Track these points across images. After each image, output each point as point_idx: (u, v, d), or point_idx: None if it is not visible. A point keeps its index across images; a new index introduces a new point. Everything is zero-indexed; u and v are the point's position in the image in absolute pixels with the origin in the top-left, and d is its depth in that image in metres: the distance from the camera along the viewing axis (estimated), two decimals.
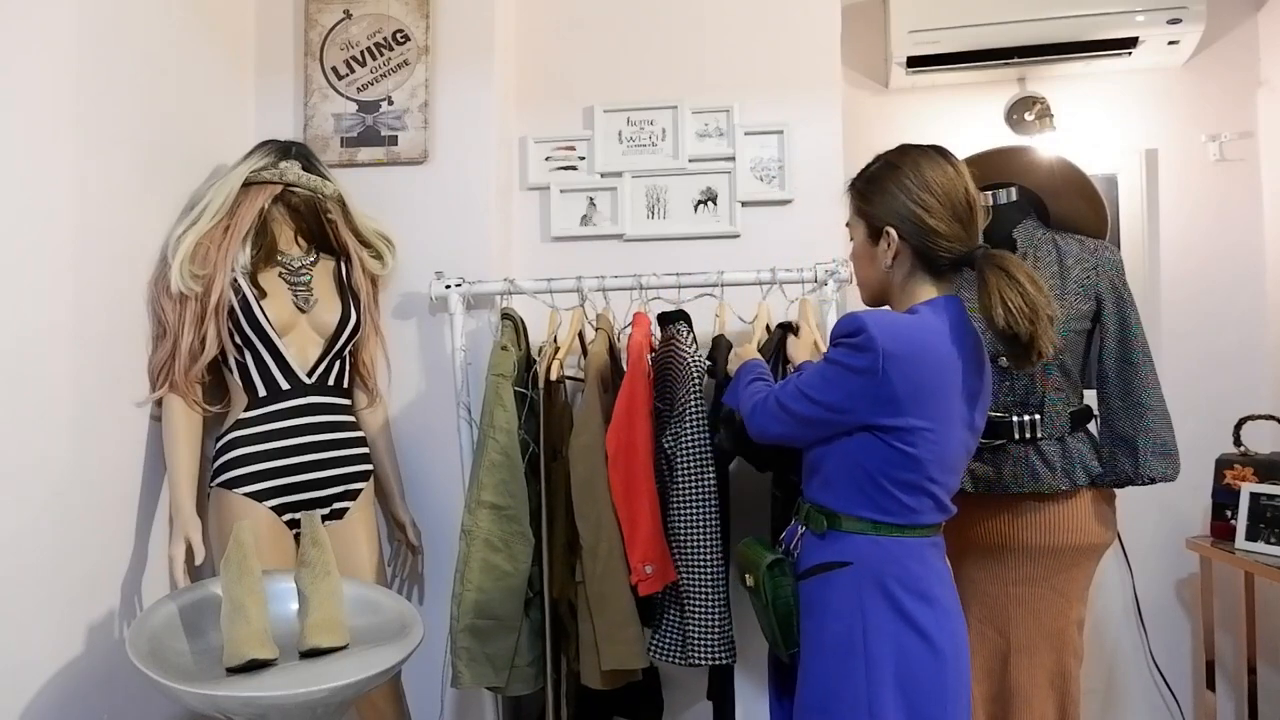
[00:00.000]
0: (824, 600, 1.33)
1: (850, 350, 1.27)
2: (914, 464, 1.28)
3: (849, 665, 1.28)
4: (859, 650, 1.28)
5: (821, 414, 1.31)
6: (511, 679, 1.79)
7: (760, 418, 1.41)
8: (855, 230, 1.43)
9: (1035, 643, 1.73)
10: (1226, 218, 2.46)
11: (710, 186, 2.30)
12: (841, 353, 1.29)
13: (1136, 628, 2.45)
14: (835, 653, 1.30)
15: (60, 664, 1.54)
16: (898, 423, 1.26)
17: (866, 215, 1.39)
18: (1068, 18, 2.31)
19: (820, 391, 1.31)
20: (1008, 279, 1.25)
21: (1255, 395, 2.40)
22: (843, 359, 1.28)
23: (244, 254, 1.85)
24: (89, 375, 1.62)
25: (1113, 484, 1.77)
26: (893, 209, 1.34)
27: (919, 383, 1.25)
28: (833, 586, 1.32)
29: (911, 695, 1.26)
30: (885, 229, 1.35)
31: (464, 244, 2.16)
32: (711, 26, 2.32)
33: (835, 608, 1.31)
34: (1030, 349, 1.26)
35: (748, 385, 1.52)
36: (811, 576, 1.36)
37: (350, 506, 1.89)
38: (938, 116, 2.61)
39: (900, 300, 1.38)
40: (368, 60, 2.21)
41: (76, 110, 1.60)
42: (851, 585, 1.31)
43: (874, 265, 1.39)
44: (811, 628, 1.35)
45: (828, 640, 1.31)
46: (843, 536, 1.33)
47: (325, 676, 1.38)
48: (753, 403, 1.44)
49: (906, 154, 1.38)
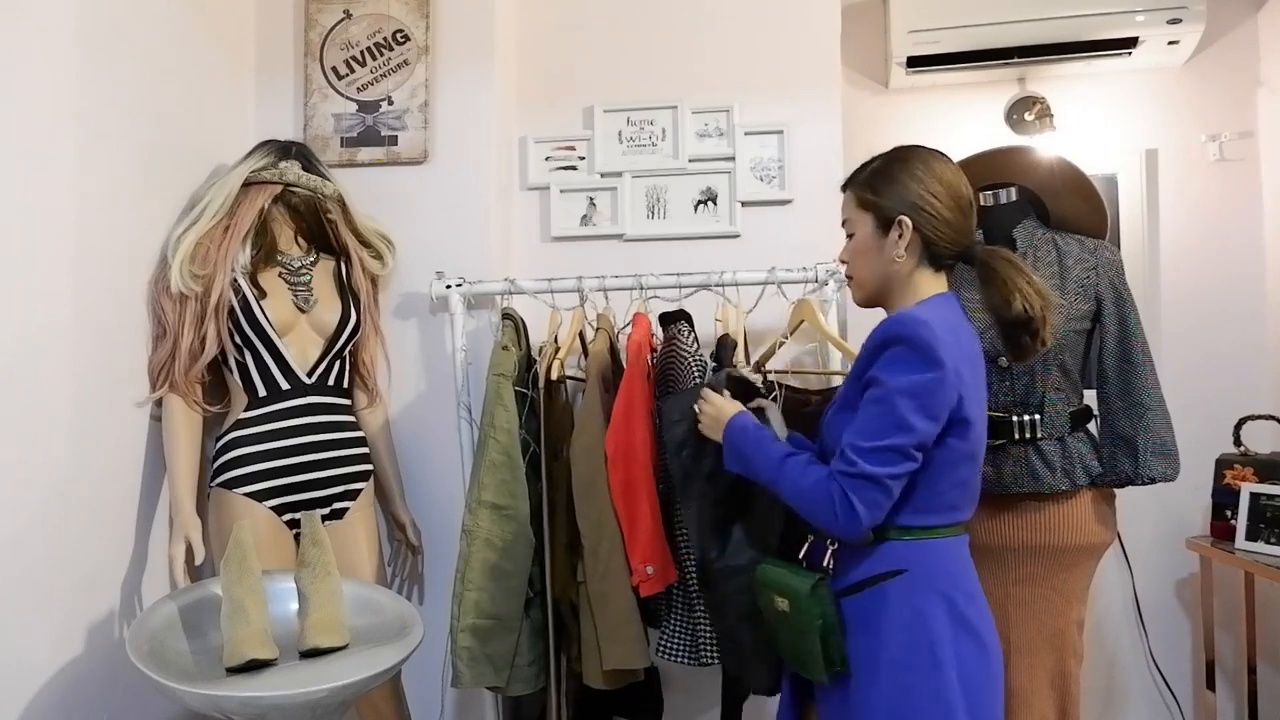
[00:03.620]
0: (879, 614, 1.28)
1: (924, 355, 1.21)
2: (968, 459, 1.29)
3: (919, 678, 1.24)
4: (926, 662, 1.25)
5: (915, 452, 1.23)
6: (512, 679, 1.79)
7: (857, 510, 1.22)
8: (859, 224, 1.39)
9: (1035, 643, 1.73)
10: (1226, 218, 2.46)
11: (710, 186, 2.30)
12: (913, 363, 1.22)
13: (1136, 628, 2.45)
14: (902, 668, 1.25)
15: (60, 664, 1.54)
16: (957, 417, 1.25)
17: (875, 206, 1.36)
18: (1068, 18, 2.31)
19: (911, 427, 1.21)
20: (1016, 269, 1.31)
21: (1255, 395, 2.40)
22: (919, 373, 1.21)
23: (244, 254, 1.85)
24: (89, 375, 1.62)
25: (1113, 484, 1.77)
26: (905, 198, 1.34)
27: (967, 374, 1.26)
28: (888, 598, 1.27)
29: (971, 697, 1.25)
30: (899, 218, 1.34)
31: (464, 244, 2.16)
32: (711, 26, 2.32)
33: (894, 620, 1.26)
34: (1036, 337, 1.29)
35: (783, 463, 1.34)
36: (858, 592, 1.30)
37: (350, 506, 1.89)
38: (938, 116, 2.61)
39: (903, 294, 1.36)
40: (368, 60, 2.21)
41: (76, 110, 1.60)
42: (907, 594, 1.27)
43: (881, 258, 1.36)
44: (868, 645, 1.28)
45: (891, 656, 1.26)
46: (891, 545, 1.29)
47: (325, 676, 1.38)
48: (812, 499, 1.27)
49: (911, 150, 1.40)
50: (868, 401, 1.26)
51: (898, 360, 1.23)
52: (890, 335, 1.25)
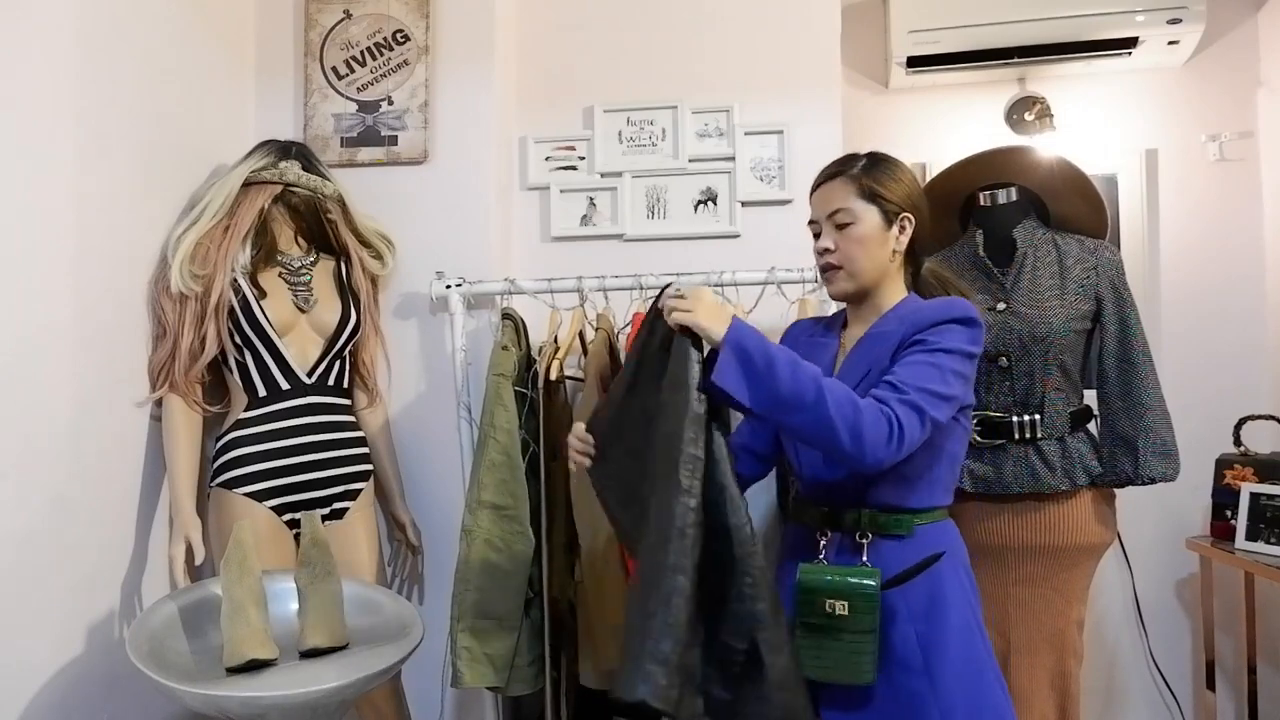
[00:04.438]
0: (939, 598, 1.28)
1: (974, 336, 1.28)
2: (967, 437, 1.37)
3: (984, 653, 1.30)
4: (980, 638, 1.30)
5: (946, 406, 1.25)
6: (511, 679, 1.79)
7: (906, 436, 1.18)
8: (863, 215, 1.36)
9: (1035, 643, 1.73)
10: (1226, 218, 2.46)
11: (710, 186, 2.30)
12: (965, 339, 1.27)
13: (1136, 628, 2.44)
14: (967, 646, 1.28)
15: (60, 664, 1.54)
16: (966, 400, 1.31)
17: (882, 200, 1.37)
18: (1068, 18, 2.31)
19: (950, 384, 1.24)
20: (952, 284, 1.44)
21: (1255, 395, 2.40)
22: (968, 346, 1.27)
23: (244, 254, 1.85)
24: (89, 375, 1.62)
25: (1113, 484, 1.77)
26: (909, 196, 1.39)
27: None
28: (941, 581, 1.29)
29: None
30: (903, 215, 1.38)
31: (464, 244, 2.15)
32: (711, 26, 2.32)
33: (948, 599, 1.28)
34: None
35: (821, 378, 1.19)
36: (906, 581, 1.27)
37: (350, 506, 1.89)
38: (938, 116, 2.61)
39: (888, 291, 1.40)
40: (368, 60, 2.21)
41: (76, 110, 1.60)
42: (950, 574, 1.30)
43: (883, 251, 1.38)
44: (928, 631, 1.27)
45: (957, 637, 1.27)
46: (923, 530, 1.32)
47: (325, 676, 1.38)
48: (862, 413, 1.17)
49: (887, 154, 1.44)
50: (911, 356, 1.27)
51: (950, 333, 1.28)
52: (954, 314, 1.29)
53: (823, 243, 1.40)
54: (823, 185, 1.42)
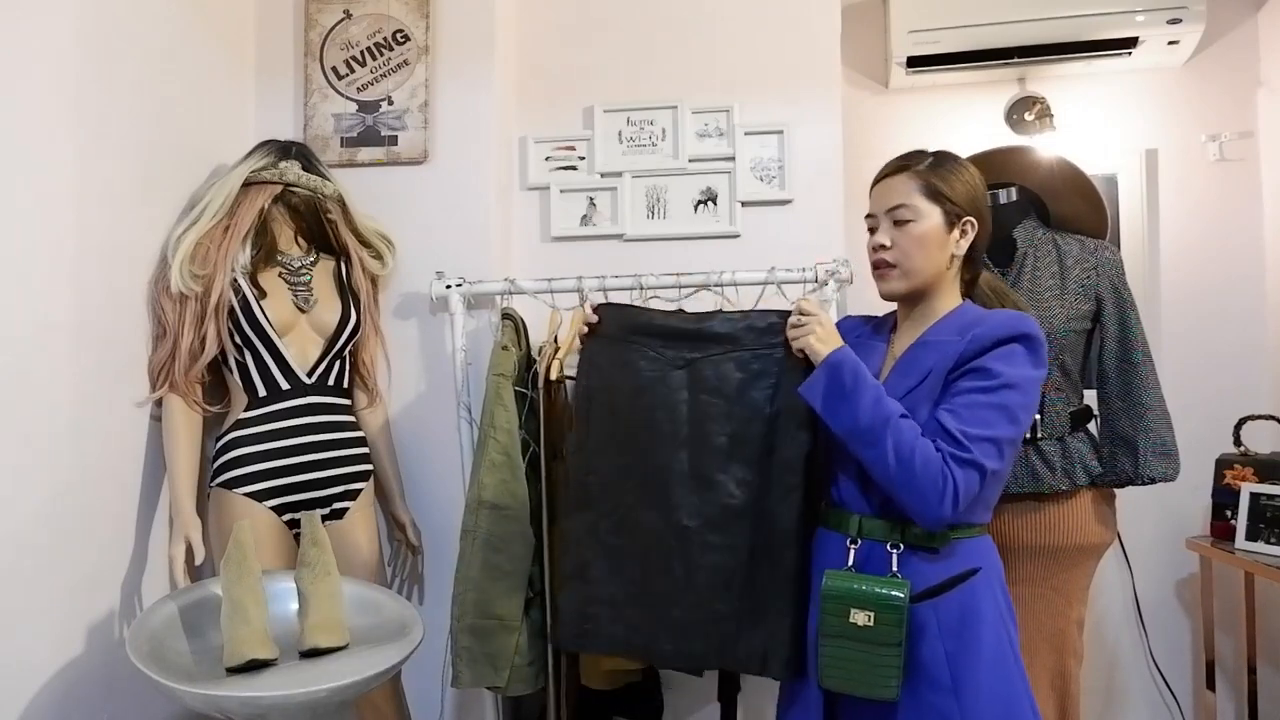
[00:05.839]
0: (972, 613, 1.25)
1: (1039, 357, 1.25)
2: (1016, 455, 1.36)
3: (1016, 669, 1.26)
4: (1012, 653, 1.26)
5: (1010, 449, 1.24)
6: (512, 679, 1.79)
7: (959, 497, 1.19)
8: (926, 215, 1.33)
9: (1035, 643, 1.73)
10: (1226, 218, 2.47)
11: (710, 186, 2.30)
12: (1030, 362, 1.24)
13: (1136, 628, 2.45)
14: (1000, 661, 1.24)
15: (60, 664, 1.54)
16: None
17: (945, 200, 1.33)
18: (1068, 18, 2.31)
19: (1018, 424, 1.22)
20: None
21: (1255, 395, 2.40)
22: (1033, 371, 1.24)
23: (244, 254, 1.85)
24: (89, 375, 1.62)
25: (1113, 484, 1.77)
26: (972, 200, 1.35)
27: None
28: (975, 599, 1.26)
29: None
30: (966, 219, 1.34)
31: (464, 244, 2.15)
32: (711, 26, 2.32)
33: (988, 616, 1.25)
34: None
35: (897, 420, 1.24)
36: (938, 595, 1.25)
37: (350, 506, 1.89)
38: (938, 116, 2.62)
39: (943, 296, 1.35)
40: (368, 60, 2.21)
41: (76, 110, 1.60)
42: (986, 590, 1.27)
43: (942, 254, 1.34)
44: (959, 646, 1.24)
45: (990, 652, 1.24)
46: (961, 544, 1.28)
47: (325, 676, 1.38)
48: (917, 475, 1.20)
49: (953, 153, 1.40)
50: (975, 390, 1.23)
51: (1015, 355, 1.24)
52: (1016, 332, 1.25)
53: (878, 238, 1.36)
54: (885, 179, 1.37)
